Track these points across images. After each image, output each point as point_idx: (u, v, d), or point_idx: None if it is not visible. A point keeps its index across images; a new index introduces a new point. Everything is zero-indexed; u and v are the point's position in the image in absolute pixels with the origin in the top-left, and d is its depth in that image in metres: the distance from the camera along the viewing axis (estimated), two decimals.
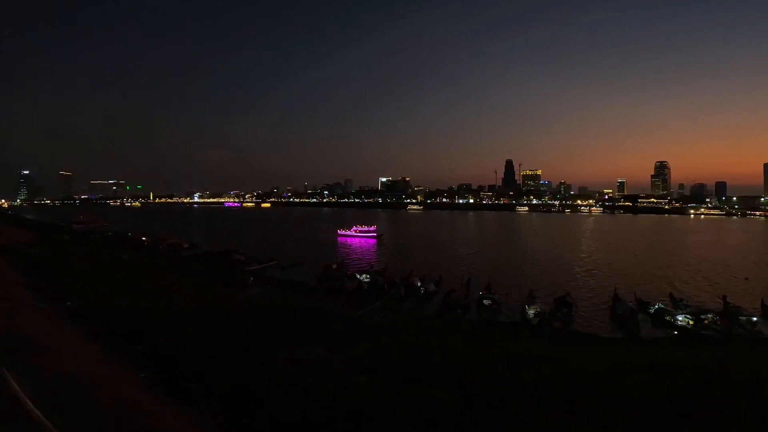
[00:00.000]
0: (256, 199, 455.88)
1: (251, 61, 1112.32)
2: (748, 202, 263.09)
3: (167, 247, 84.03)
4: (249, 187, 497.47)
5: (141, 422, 7.01)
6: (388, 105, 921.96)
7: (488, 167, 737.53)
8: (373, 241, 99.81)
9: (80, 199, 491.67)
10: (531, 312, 35.22)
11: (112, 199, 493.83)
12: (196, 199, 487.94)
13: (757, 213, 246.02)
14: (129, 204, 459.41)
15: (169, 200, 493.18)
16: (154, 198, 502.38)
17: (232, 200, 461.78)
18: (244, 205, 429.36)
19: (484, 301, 38.66)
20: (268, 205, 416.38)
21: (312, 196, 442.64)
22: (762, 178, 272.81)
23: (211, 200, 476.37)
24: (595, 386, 9.60)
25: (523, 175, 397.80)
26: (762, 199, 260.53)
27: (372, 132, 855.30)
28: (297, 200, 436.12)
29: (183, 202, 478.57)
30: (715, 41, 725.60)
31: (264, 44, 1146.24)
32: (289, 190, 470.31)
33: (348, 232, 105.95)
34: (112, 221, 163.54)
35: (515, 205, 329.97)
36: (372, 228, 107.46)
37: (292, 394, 8.24)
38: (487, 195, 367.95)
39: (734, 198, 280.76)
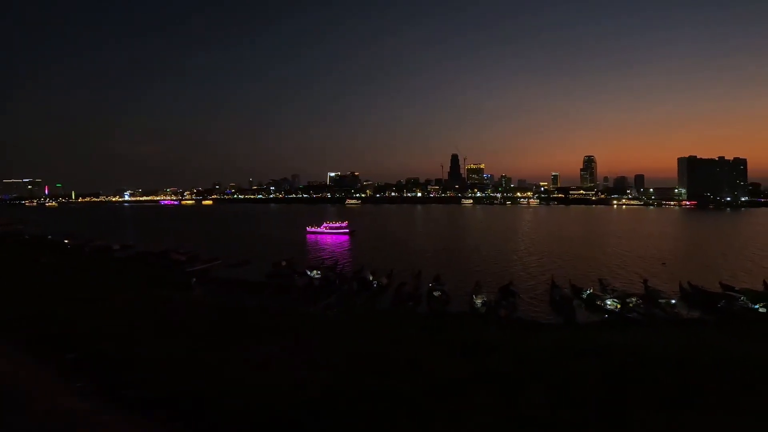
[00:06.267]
0: (196, 196, 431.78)
1: (190, 57, 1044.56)
2: (664, 194, 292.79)
3: (94, 249, 77.28)
4: (188, 184, 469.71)
5: None
6: (337, 101, 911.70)
7: (435, 161, 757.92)
8: (346, 237, 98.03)
9: None
10: (478, 301, 36.66)
11: (27, 200, 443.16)
12: (126, 198, 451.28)
13: (672, 203, 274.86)
14: (48, 204, 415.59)
15: (94, 199, 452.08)
16: (77, 197, 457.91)
17: (168, 198, 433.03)
18: (183, 202, 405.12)
19: (434, 292, 39.65)
20: (209, 202, 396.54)
21: (257, 192, 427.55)
22: (676, 172, 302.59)
23: (145, 198, 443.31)
24: (542, 371, 10.14)
25: (467, 168, 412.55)
26: (675, 191, 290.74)
27: (320, 127, 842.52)
28: (241, 197, 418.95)
29: (111, 202, 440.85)
30: (639, 43, 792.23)
31: (210, 43, 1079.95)
32: (233, 187, 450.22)
33: (318, 229, 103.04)
34: (29, 223, 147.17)
35: (461, 198, 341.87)
36: (344, 224, 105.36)
37: (248, 395, 7.91)
38: (434, 188, 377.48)
39: (651, 189, 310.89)
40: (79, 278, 34.55)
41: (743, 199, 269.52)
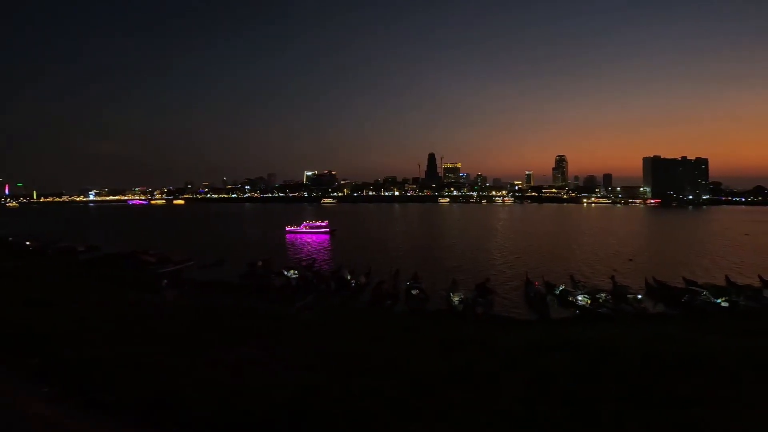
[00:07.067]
0: (167, 195, 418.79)
1: (162, 56, 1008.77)
2: (630, 192, 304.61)
3: (58, 251, 73.80)
4: (158, 184, 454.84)
5: None
6: (314, 100, 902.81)
7: (413, 160, 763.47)
8: (326, 237, 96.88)
9: None
10: (455, 299, 36.98)
11: None
12: (91, 198, 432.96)
13: (637, 201, 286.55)
14: (9, 204, 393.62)
15: (57, 199, 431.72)
16: (39, 197, 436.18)
17: (137, 197, 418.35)
18: (153, 202, 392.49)
19: (412, 291, 39.81)
20: (181, 201, 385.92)
21: (232, 191, 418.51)
22: (641, 171, 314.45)
23: (112, 198, 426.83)
24: (519, 367, 10.35)
25: (444, 168, 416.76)
26: (641, 189, 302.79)
27: (297, 126, 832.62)
28: (215, 196, 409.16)
29: (75, 201, 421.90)
30: (608, 45, 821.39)
31: (183, 42, 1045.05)
32: (206, 186, 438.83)
33: (297, 229, 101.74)
34: None
35: (437, 196, 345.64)
36: (324, 223, 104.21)
37: (226, 398, 7.74)
38: (411, 187, 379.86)
39: (618, 188, 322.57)
40: (42, 281, 32.93)
41: (704, 197, 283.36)
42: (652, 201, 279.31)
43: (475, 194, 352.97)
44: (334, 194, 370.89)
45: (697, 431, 6.19)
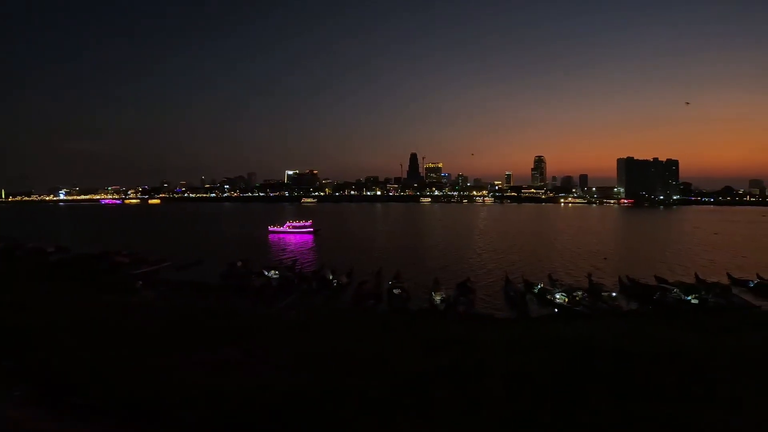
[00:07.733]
0: (141, 195, 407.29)
1: (140, 55, 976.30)
2: (605, 192, 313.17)
3: (26, 253, 70.92)
4: (133, 183, 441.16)
5: None
6: (297, 100, 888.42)
7: (395, 160, 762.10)
8: (310, 236, 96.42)
9: None
10: (437, 298, 37.30)
11: None
12: (62, 197, 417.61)
13: (612, 201, 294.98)
14: None
15: (26, 198, 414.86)
16: (7, 196, 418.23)
17: (110, 197, 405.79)
18: (127, 201, 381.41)
19: (395, 290, 39.95)
20: (157, 201, 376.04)
21: (210, 190, 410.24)
22: (616, 171, 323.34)
23: (83, 197, 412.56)
24: (499, 365, 10.48)
25: (426, 167, 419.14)
26: (615, 190, 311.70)
27: (279, 125, 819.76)
28: (193, 195, 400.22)
29: (46, 201, 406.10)
30: (586, 48, 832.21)
31: (164, 42, 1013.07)
32: (183, 185, 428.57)
33: (281, 228, 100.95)
34: None
35: (419, 196, 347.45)
36: (307, 223, 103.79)
37: (207, 399, 7.60)
38: (393, 187, 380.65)
39: (594, 188, 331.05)
40: (12, 283, 31.60)
41: (675, 197, 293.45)
42: (626, 201, 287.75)
43: (456, 194, 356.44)
44: (316, 194, 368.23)
45: (676, 427, 6.40)
